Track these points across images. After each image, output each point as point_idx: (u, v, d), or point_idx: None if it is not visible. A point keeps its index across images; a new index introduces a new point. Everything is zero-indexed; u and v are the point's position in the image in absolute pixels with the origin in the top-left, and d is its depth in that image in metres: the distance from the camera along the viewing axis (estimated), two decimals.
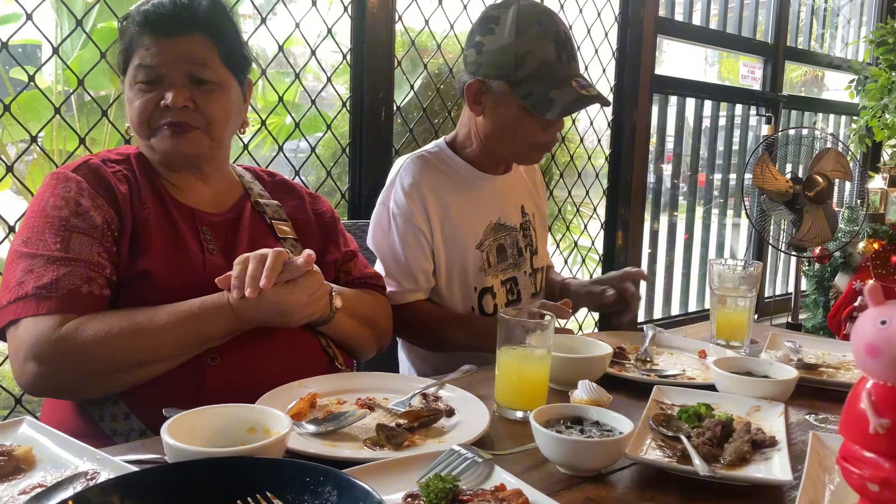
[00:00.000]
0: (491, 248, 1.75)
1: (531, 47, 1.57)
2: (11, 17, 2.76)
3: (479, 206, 1.74)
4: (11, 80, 2.89)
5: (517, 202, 1.84)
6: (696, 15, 3.56)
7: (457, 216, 1.70)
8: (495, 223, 1.76)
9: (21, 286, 1.19)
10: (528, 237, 1.85)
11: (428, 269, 1.69)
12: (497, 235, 1.77)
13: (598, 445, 0.95)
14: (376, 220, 1.75)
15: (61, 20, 2.79)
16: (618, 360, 1.43)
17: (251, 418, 0.96)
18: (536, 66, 1.58)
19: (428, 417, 1.07)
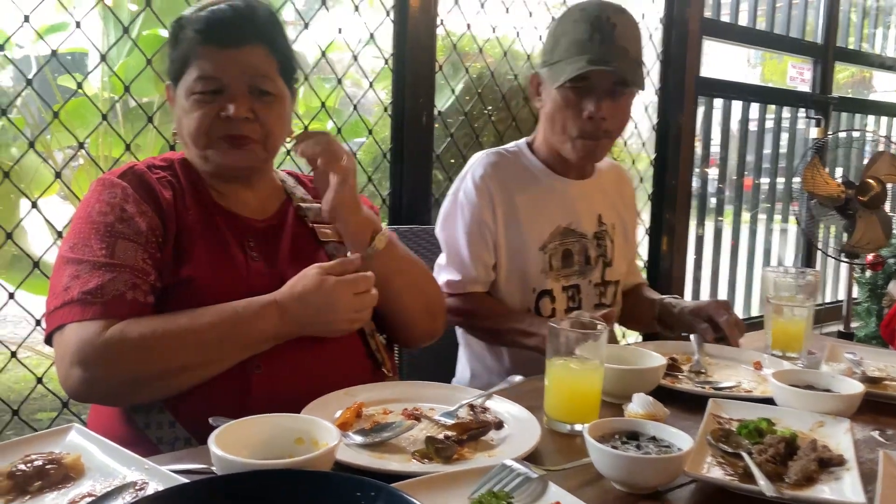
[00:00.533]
0: (556, 251, 1.73)
1: (567, 29, 1.61)
2: (60, 27, 2.82)
3: (549, 209, 1.73)
4: (59, 88, 2.95)
5: (594, 210, 1.79)
6: (743, 16, 3.48)
7: (523, 215, 1.70)
8: (564, 227, 1.74)
9: (67, 291, 1.19)
10: (603, 247, 1.80)
11: (489, 263, 1.71)
12: (564, 240, 1.74)
13: (657, 462, 0.91)
14: (445, 209, 1.77)
15: (108, 28, 2.84)
16: (670, 371, 1.38)
17: (298, 428, 0.94)
18: (567, 46, 1.60)
19: (477, 430, 1.05)
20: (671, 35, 2.96)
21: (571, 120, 1.63)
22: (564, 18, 1.65)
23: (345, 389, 1.19)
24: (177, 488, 0.78)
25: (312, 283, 1.22)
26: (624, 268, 1.86)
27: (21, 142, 2.74)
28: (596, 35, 1.57)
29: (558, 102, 1.63)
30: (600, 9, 1.60)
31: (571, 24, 1.61)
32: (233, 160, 1.31)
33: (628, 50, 1.60)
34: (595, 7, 1.61)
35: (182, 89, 1.30)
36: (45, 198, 1.90)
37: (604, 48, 1.57)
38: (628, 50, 1.60)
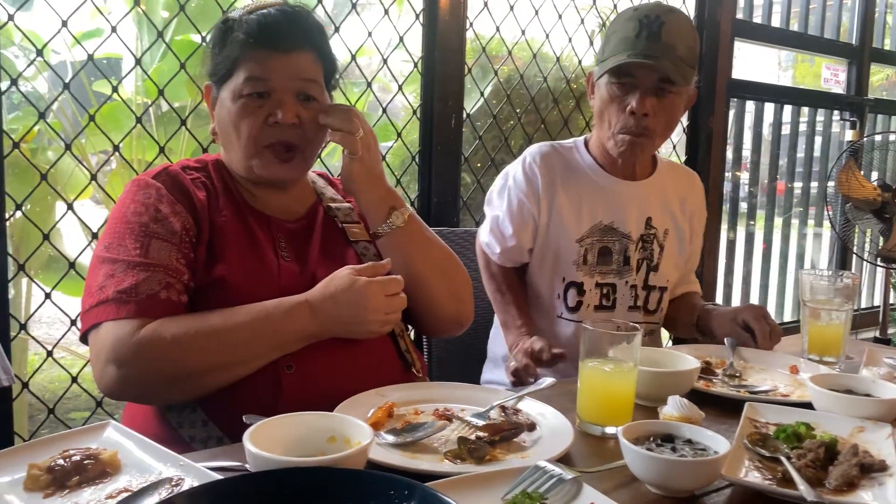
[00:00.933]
0: (593, 246, 1.74)
1: (617, 27, 1.65)
2: (95, 33, 2.87)
3: (592, 204, 1.75)
4: (95, 94, 3.00)
5: (643, 212, 1.79)
6: (776, 18, 3.43)
7: (565, 207, 1.74)
8: (606, 225, 1.75)
9: (102, 290, 1.20)
10: (648, 250, 1.78)
11: (524, 243, 1.77)
12: (604, 237, 1.75)
13: (693, 465, 0.90)
14: (495, 188, 1.85)
15: (141, 34, 2.88)
16: (704, 375, 1.36)
17: (332, 427, 0.94)
18: (616, 43, 1.63)
19: (509, 431, 1.04)
20: (702, 36, 2.92)
21: (615, 115, 1.65)
22: (618, 18, 1.69)
23: (376, 389, 1.19)
24: (212, 484, 0.78)
25: (344, 283, 1.23)
26: (674, 275, 1.83)
27: (57, 146, 2.79)
28: (643, 32, 1.59)
29: (604, 97, 1.67)
30: (651, 8, 1.63)
31: (622, 22, 1.65)
32: (278, 173, 1.33)
33: (675, 47, 1.59)
34: (647, 6, 1.64)
35: (227, 91, 1.31)
36: (79, 201, 1.93)
37: (649, 44, 1.58)
38: (675, 47, 1.59)
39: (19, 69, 2.37)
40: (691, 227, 1.87)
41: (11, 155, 1.66)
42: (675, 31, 1.60)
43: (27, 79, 2.75)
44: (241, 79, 1.30)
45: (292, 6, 1.38)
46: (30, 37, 1.74)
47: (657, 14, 1.60)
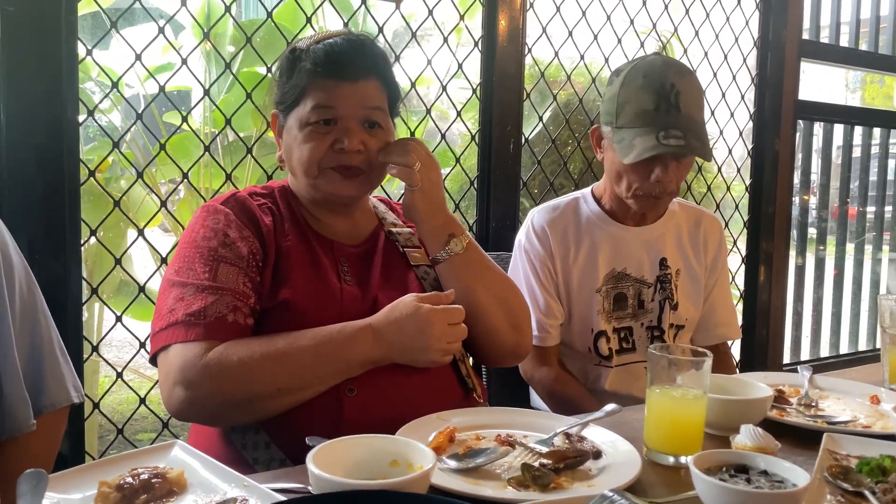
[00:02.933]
0: (608, 294, 1.79)
1: (631, 97, 1.64)
2: (166, 67, 2.99)
3: (603, 254, 1.79)
4: (165, 125, 3.12)
5: (656, 255, 1.81)
6: (843, 38, 3.34)
7: (580, 260, 1.79)
8: (619, 272, 1.79)
9: (172, 313, 1.23)
10: (667, 290, 1.81)
11: (557, 305, 1.79)
12: (618, 284, 1.80)
13: (771, 498, 0.86)
14: (512, 263, 1.88)
15: (210, 67, 2.99)
16: (778, 404, 1.31)
17: (394, 450, 0.94)
18: (633, 115, 1.63)
19: (574, 459, 1.01)
20: (766, 57, 2.87)
21: (638, 182, 1.68)
22: (627, 84, 1.67)
23: (437, 413, 1.19)
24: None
25: (409, 310, 1.23)
26: (692, 313, 1.84)
27: (129, 175, 2.91)
28: (662, 105, 1.62)
29: (625, 167, 1.67)
30: (663, 75, 1.63)
31: (635, 91, 1.64)
32: (343, 189, 1.35)
33: (693, 116, 1.63)
34: (658, 73, 1.64)
35: (295, 118, 1.34)
36: (149, 228, 2.00)
37: (670, 117, 1.60)
38: (693, 116, 1.63)
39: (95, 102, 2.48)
40: (709, 265, 1.87)
41: (87, 184, 1.73)
42: (692, 97, 1.64)
43: (103, 111, 2.88)
44: (309, 107, 1.32)
45: (357, 35, 1.41)
46: (106, 71, 1.82)
47: (672, 83, 1.62)
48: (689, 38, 2.73)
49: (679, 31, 2.70)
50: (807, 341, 3.31)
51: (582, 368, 1.81)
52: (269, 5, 2.05)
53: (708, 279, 1.87)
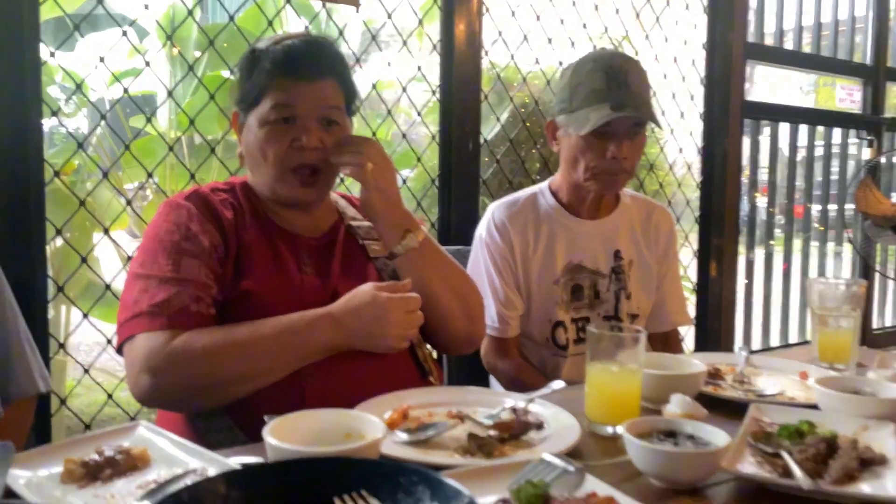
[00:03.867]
0: (566, 286, 1.85)
1: (583, 80, 1.73)
2: (131, 72, 3.01)
3: (560, 246, 1.86)
4: (131, 129, 3.15)
5: (610, 246, 1.89)
6: (788, 45, 3.48)
7: (538, 253, 1.85)
8: (575, 264, 1.86)
9: (137, 304, 1.28)
10: (621, 281, 1.88)
11: (516, 297, 1.84)
12: (574, 275, 1.86)
13: (693, 457, 0.94)
14: (472, 256, 1.93)
15: (175, 71, 3.02)
16: (714, 380, 1.39)
17: (348, 424, 1.00)
18: (586, 95, 1.72)
19: (518, 429, 1.08)
20: (714, 59, 2.99)
21: (595, 161, 1.75)
22: (578, 70, 1.76)
23: (393, 393, 1.25)
24: (233, 472, 0.84)
25: (367, 298, 1.30)
26: (644, 303, 1.92)
27: (95, 178, 2.92)
28: (613, 83, 1.71)
29: (581, 146, 1.75)
30: (611, 58, 1.75)
31: (586, 74, 1.73)
32: (303, 196, 1.41)
33: (641, 94, 1.73)
34: (607, 57, 1.75)
35: (255, 117, 1.39)
36: (116, 231, 2.03)
37: (621, 94, 1.69)
38: (641, 94, 1.73)
39: (61, 106, 2.50)
40: (661, 256, 1.95)
41: (53, 188, 1.76)
42: (639, 78, 1.74)
43: (67, 115, 2.89)
44: (268, 106, 1.38)
45: (315, 37, 1.47)
46: (70, 73, 1.86)
47: (620, 64, 1.72)
48: (640, 41, 2.84)
49: (630, 35, 2.80)
50: (757, 331, 3.43)
51: (540, 359, 1.88)
52: (232, 9, 2.10)
53: (659, 269, 1.95)
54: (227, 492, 0.79)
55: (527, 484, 0.85)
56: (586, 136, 1.72)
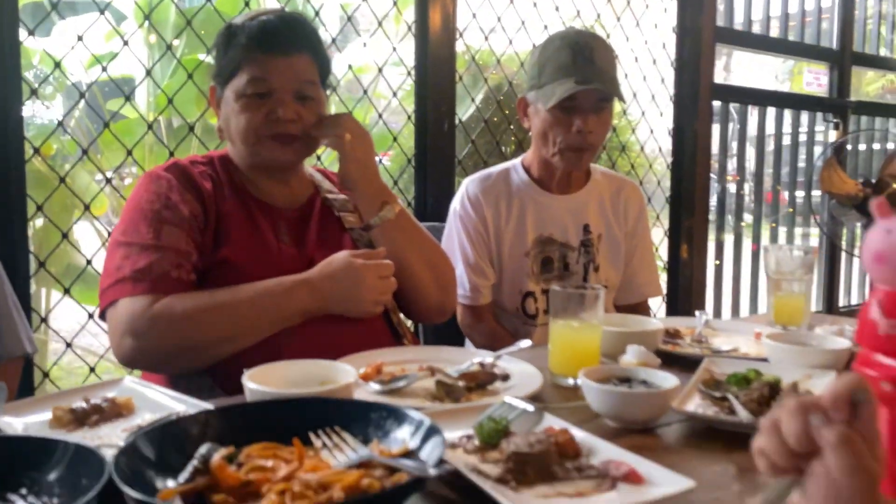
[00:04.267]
0: (536, 258, 1.92)
1: (550, 57, 1.80)
2: (109, 56, 3.04)
3: (531, 220, 1.92)
4: (109, 112, 3.17)
5: (579, 221, 1.95)
6: (756, 28, 3.56)
7: (510, 226, 1.92)
8: (546, 237, 1.92)
9: (119, 270, 1.33)
10: (590, 254, 1.95)
11: (488, 268, 1.92)
12: (544, 248, 1.93)
13: (645, 397, 1.01)
14: (447, 228, 1.99)
15: (153, 55, 3.05)
16: (672, 339, 1.47)
17: (323, 373, 1.06)
18: (553, 70, 1.79)
19: (485, 379, 1.15)
20: (683, 43, 3.06)
21: (562, 135, 1.81)
22: (546, 47, 1.84)
23: (368, 352, 1.31)
24: (214, 410, 0.90)
25: (342, 263, 1.36)
26: (613, 276, 1.99)
27: (74, 160, 2.95)
28: (578, 59, 1.78)
29: (549, 120, 1.82)
30: (578, 35, 1.83)
31: (554, 51, 1.81)
32: (281, 156, 1.46)
33: (606, 70, 1.80)
34: (573, 35, 1.83)
35: (231, 90, 1.44)
36: (99, 213, 2.07)
37: (587, 70, 1.76)
38: (606, 70, 1.80)
39: None
40: (630, 231, 2.02)
41: (32, 169, 1.79)
42: (604, 54, 1.81)
43: (45, 97, 2.91)
44: (245, 79, 1.43)
45: (290, 13, 1.52)
46: (49, 54, 1.88)
47: (586, 41, 1.80)
48: (611, 25, 2.91)
49: (602, 18, 2.87)
50: (727, 309, 3.53)
51: (512, 327, 1.94)
52: None
53: (629, 244, 2.02)
54: (207, 427, 0.85)
55: (489, 420, 0.92)
56: (553, 110, 1.78)
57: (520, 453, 0.80)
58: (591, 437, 0.90)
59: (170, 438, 0.79)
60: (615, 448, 0.87)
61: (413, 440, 0.82)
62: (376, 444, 0.84)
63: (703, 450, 0.96)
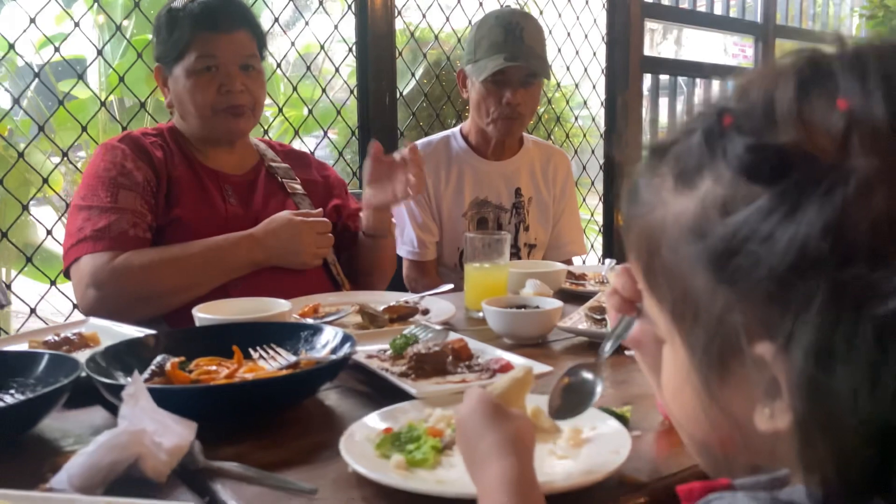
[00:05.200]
0: (473, 218, 2.12)
1: (485, 34, 1.99)
2: (58, 37, 3.12)
3: (469, 183, 2.12)
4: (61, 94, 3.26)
5: (512, 185, 2.15)
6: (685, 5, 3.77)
7: (450, 189, 2.11)
8: (481, 199, 2.12)
9: (80, 231, 1.49)
10: (521, 215, 2.16)
11: (432, 224, 2.11)
12: (480, 209, 2.12)
13: (532, 315, 1.21)
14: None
15: (103, 36, 3.14)
16: (578, 281, 1.67)
17: (262, 307, 1.24)
18: (486, 47, 1.97)
19: (406, 312, 1.33)
20: (614, 18, 3.25)
21: (494, 106, 2.00)
22: (482, 25, 2.02)
23: (308, 296, 1.48)
24: (169, 331, 1.07)
25: (283, 221, 1.54)
26: (542, 234, 2.20)
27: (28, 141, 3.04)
28: (509, 37, 1.96)
29: (482, 93, 2.00)
30: (511, 15, 2.02)
31: (488, 29, 1.99)
32: (234, 127, 1.62)
33: (535, 48, 1.99)
34: (507, 14, 2.03)
35: (181, 69, 1.58)
36: (53, 194, 2.18)
37: (515, 47, 1.95)
38: (535, 48, 1.99)
39: None
40: (558, 195, 2.23)
41: None
42: (534, 33, 2.00)
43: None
44: (194, 57, 1.57)
45: None
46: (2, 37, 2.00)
47: (517, 20, 1.98)
48: (544, 1, 3.09)
49: None
50: None
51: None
52: None
53: (556, 206, 2.23)
54: (163, 343, 1.02)
55: (401, 336, 1.11)
56: (486, 83, 1.97)
57: (419, 353, 0.99)
58: (484, 345, 1.10)
59: (132, 349, 0.97)
60: (500, 351, 1.06)
61: (332, 348, 1.01)
62: (304, 353, 1.02)
63: (577, 356, 1.16)
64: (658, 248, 0.46)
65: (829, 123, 0.39)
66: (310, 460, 0.76)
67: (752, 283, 0.40)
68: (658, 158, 0.47)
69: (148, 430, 0.67)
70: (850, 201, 0.37)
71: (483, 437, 0.60)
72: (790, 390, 0.40)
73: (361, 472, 0.68)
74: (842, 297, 0.37)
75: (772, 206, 0.39)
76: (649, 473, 0.72)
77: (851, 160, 0.38)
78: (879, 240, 0.37)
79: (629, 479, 0.70)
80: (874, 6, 3.98)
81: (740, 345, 0.42)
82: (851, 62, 0.41)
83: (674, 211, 0.45)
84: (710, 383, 0.45)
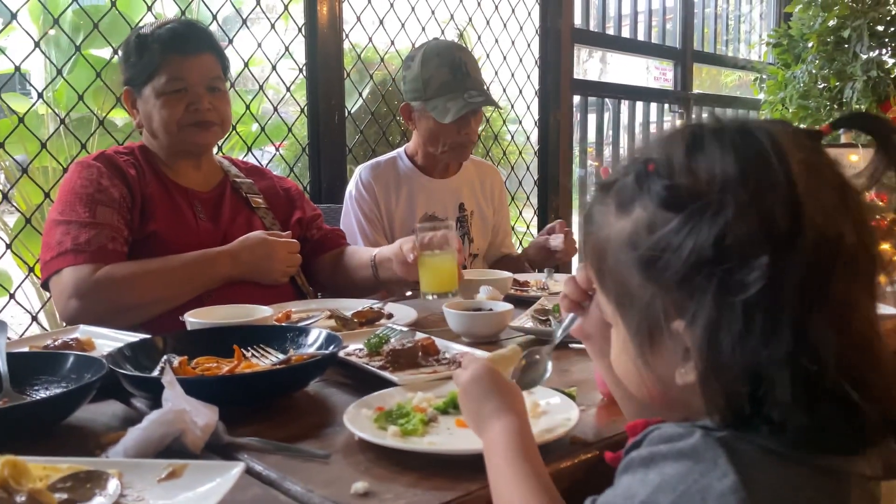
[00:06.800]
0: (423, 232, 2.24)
1: (432, 73, 2.13)
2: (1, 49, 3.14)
3: (417, 201, 2.28)
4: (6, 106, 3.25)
5: (456, 200, 2.34)
6: (611, 31, 4.05)
7: (399, 207, 2.27)
8: (430, 214, 2.28)
9: (61, 244, 1.58)
10: (464, 228, 2.34)
11: (383, 241, 2.23)
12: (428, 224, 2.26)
13: (486, 317, 1.39)
14: (345, 210, 2.31)
15: (49, 51, 3.17)
16: (522, 288, 1.86)
17: (245, 313, 1.37)
18: (438, 86, 2.12)
19: (373, 317, 1.49)
20: (546, 42, 3.49)
21: (452, 137, 2.17)
22: (426, 64, 2.13)
23: (280, 303, 1.62)
24: (172, 333, 1.19)
25: (258, 239, 1.69)
26: (482, 244, 2.40)
27: None
28: (458, 74, 2.12)
29: (442, 129, 2.14)
30: (449, 51, 2.16)
31: (434, 68, 2.12)
32: (201, 139, 1.74)
33: (479, 79, 2.19)
34: (446, 51, 2.16)
35: (151, 90, 1.70)
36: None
37: (467, 82, 2.12)
38: (479, 79, 2.19)
39: None
40: (494, 205, 2.43)
41: None
42: (474, 65, 2.19)
43: None
44: (163, 80, 1.69)
45: (189, 20, 1.80)
46: None
47: (459, 56, 2.14)
48: (481, 27, 3.29)
49: (473, 21, 3.24)
50: None
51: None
52: None
53: (494, 217, 2.43)
54: (168, 344, 1.14)
55: (374, 336, 1.26)
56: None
57: (395, 350, 1.15)
58: (448, 343, 1.26)
59: (143, 349, 1.09)
60: (463, 347, 1.23)
61: (318, 346, 1.15)
62: (292, 352, 1.16)
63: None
64: (605, 255, 0.65)
65: (706, 173, 0.58)
66: (317, 434, 0.91)
67: (669, 278, 0.58)
68: (605, 192, 0.66)
69: (187, 409, 0.80)
70: (727, 223, 0.56)
71: (489, 399, 0.78)
72: (695, 353, 0.58)
73: (366, 438, 0.83)
74: (723, 286, 0.56)
75: (679, 226, 0.58)
76: (594, 435, 0.90)
77: (725, 196, 0.57)
78: (744, 248, 0.55)
79: (578, 439, 0.88)
80: (780, 35, 4.33)
81: (662, 323, 0.60)
82: (717, 133, 0.60)
83: (616, 229, 0.63)
84: (644, 352, 0.63)
